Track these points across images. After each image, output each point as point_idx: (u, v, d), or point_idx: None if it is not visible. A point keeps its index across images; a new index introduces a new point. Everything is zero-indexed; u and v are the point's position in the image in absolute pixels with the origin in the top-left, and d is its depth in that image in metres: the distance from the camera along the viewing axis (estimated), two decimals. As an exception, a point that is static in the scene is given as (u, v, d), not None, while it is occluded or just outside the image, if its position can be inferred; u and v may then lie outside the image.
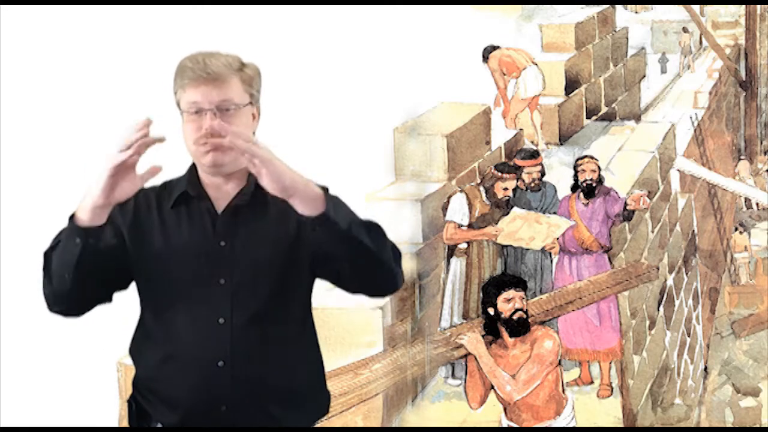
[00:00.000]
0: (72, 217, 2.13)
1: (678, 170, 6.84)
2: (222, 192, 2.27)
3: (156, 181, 2.35)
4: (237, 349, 2.22)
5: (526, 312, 4.48)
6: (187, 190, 2.28)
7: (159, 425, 2.31)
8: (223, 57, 2.26)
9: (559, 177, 5.81)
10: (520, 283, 4.55)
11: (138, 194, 2.29)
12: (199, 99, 2.20)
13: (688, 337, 6.73)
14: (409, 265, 5.30)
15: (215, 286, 2.21)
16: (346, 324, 4.62)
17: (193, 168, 2.33)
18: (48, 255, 2.20)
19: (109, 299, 2.28)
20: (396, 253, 2.21)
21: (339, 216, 2.07)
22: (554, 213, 5.47)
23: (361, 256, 2.13)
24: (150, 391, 2.30)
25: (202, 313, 2.22)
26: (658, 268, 5.58)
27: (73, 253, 2.13)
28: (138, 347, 2.33)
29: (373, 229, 2.15)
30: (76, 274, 2.16)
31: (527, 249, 5.38)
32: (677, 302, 6.59)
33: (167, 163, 2.44)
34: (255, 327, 2.22)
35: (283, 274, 2.23)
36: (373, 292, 2.27)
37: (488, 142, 6.03)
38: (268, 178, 2.01)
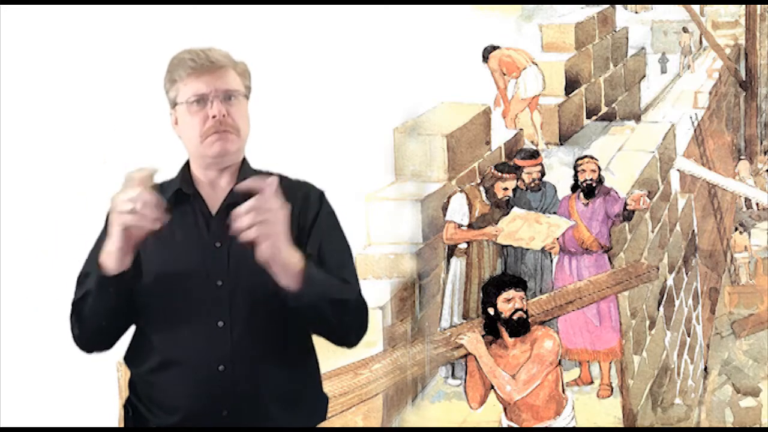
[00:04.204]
0: (99, 270, 2.11)
1: (678, 170, 6.83)
2: (216, 189, 2.26)
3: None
4: (237, 353, 2.20)
5: (526, 312, 4.48)
6: (181, 188, 2.27)
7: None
8: (218, 49, 2.27)
9: (559, 177, 5.81)
10: (520, 283, 4.55)
11: None
12: (203, 88, 2.20)
13: (688, 337, 6.72)
14: (409, 265, 5.30)
15: (213, 288, 2.19)
16: (346, 324, 4.60)
17: (186, 167, 2.32)
18: (78, 305, 2.20)
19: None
20: (360, 323, 2.25)
21: (311, 293, 2.09)
22: (554, 213, 5.47)
23: (318, 324, 2.20)
24: (148, 398, 2.27)
25: (200, 316, 2.20)
26: (658, 268, 5.58)
27: (109, 303, 2.15)
28: (135, 353, 2.31)
29: (342, 306, 2.18)
30: (113, 319, 2.20)
31: (527, 249, 5.38)
32: (677, 302, 6.59)
33: (163, 163, 2.44)
34: (255, 329, 2.20)
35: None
36: (326, 339, 2.31)
37: (488, 142, 6.03)
38: (266, 251, 2.00)
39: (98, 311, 2.17)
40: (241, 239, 1.99)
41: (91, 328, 2.21)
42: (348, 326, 2.24)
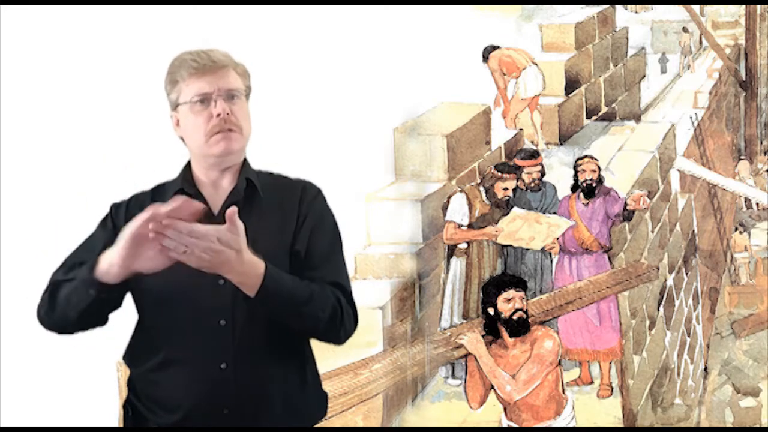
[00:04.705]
0: (91, 272, 2.11)
1: (678, 170, 6.83)
2: (218, 189, 2.27)
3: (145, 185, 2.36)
4: (239, 351, 2.20)
5: (526, 312, 4.48)
6: (183, 188, 2.27)
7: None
8: (218, 50, 2.28)
9: (559, 177, 5.81)
10: (520, 283, 4.55)
11: (130, 201, 2.30)
12: (206, 87, 2.20)
13: (688, 337, 6.72)
14: (409, 265, 5.30)
15: (215, 287, 2.19)
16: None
17: (187, 167, 2.32)
18: (57, 286, 2.19)
19: (105, 323, 2.29)
20: (333, 324, 2.23)
21: (270, 304, 2.12)
22: (554, 213, 5.47)
23: (294, 325, 2.21)
24: (149, 397, 2.27)
25: (202, 315, 2.20)
26: (658, 268, 5.58)
27: (84, 301, 2.14)
28: (135, 352, 2.31)
29: (306, 317, 2.19)
30: (82, 316, 2.19)
31: (527, 249, 5.38)
32: (677, 302, 6.59)
33: (163, 162, 2.44)
34: (257, 327, 2.20)
35: (282, 268, 2.22)
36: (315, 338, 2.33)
37: (488, 142, 6.03)
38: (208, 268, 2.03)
39: (72, 305, 2.16)
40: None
41: (59, 316, 2.21)
42: (323, 331, 2.24)
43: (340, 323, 2.24)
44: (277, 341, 2.23)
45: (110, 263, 2.07)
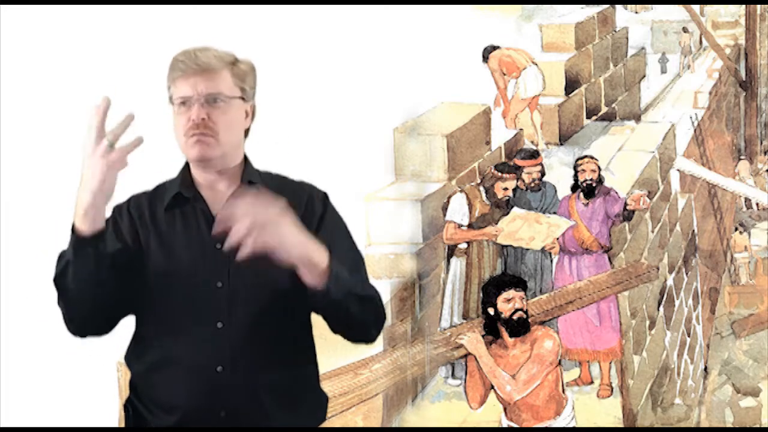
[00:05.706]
0: (73, 234, 2.08)
1: (678, 170, 6.83)
2: (216, 191, 2.25)
3: (147, 184, 2.36)
4: (236, 354, 2.19)
5: (526, 312, 4.48)
6: (181, 191, 2.26)
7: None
8: (215, 50, 2.25)
9: (559, 177, 5.81)
10: (520, 283, 4.55)
11: (129, 201, 2.29)
12: (189, 91, 2.18)
13: (688, 337, 6.72)
14: (409, 265, 5.30)
15: (213, 289, 2.18)
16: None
17: (186, 168, 2.30)
18: (60, 281, 2.15)
19: (130, 312, 2.26)
20: (379, 319, 2.30)
21: (336, 290, 2.10)
22: (554, 213, 5.47)
23: (342, 321, 2.22)
24: (148, 398, 2.27)
25: (200, 317, 2.18)
26: (658, 268, 5.58)
27: (89, 267, 2.09)
28: (135, 353, 2.30)
29: (366, 302, 2.22)
30: (98, 291, 2.13)
31: (527, 249, 5.39)
32: (677, 302, 6.59)
33: (164, 163, 2.44)
34: (254, 330, 2.19)
35: (281, 274, 2.21)
36: (345, 337, 2.32)
37: (488, 142, 6.03)
38: (277, 255, 2.00)
39: (80, 279, 2.10)
40: (245, 251, 1.95)
41: (76, 301, 2.16)
42: (370, 321, 2.27)
43: (384, 314, 2.30)
44: (275, 344, 2.23)
45: (88, 206, 2.04)
